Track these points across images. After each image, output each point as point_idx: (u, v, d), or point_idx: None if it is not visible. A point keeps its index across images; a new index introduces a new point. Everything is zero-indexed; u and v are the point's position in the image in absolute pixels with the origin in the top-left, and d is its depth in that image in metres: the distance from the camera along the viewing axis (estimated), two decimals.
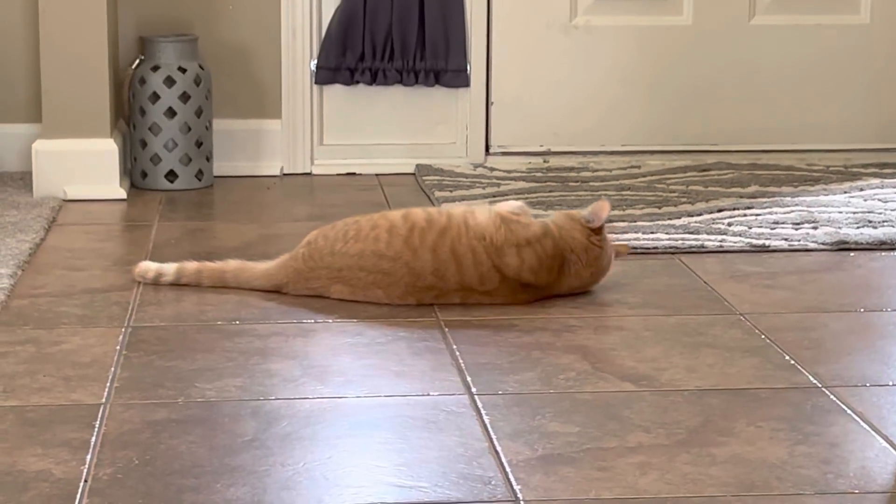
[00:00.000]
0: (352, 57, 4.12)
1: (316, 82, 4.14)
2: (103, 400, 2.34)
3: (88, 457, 2.11)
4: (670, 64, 4.23)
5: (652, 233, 3.37)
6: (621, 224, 3.45)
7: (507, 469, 2.08)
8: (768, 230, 3.41)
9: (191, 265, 3.00)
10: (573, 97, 4.20)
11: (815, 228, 3.41)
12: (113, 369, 2.49)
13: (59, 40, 3.78)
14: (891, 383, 2.43)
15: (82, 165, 3.80)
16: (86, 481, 2.03)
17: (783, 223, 3.46)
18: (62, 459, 2.10)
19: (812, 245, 3.31)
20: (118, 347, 2.60)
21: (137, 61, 3.96)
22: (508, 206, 2.95)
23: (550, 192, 3.79)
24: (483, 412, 2.29)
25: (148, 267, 3.02)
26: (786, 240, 3.33)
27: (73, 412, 2.29)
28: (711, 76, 4.24)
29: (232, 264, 3.00)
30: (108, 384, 2.41)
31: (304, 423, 2.24)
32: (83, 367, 2.50)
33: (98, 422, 2.24)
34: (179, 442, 2.16)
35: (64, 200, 3.77)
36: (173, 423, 2.24)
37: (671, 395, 2.36)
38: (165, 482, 2.02)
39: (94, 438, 2.18)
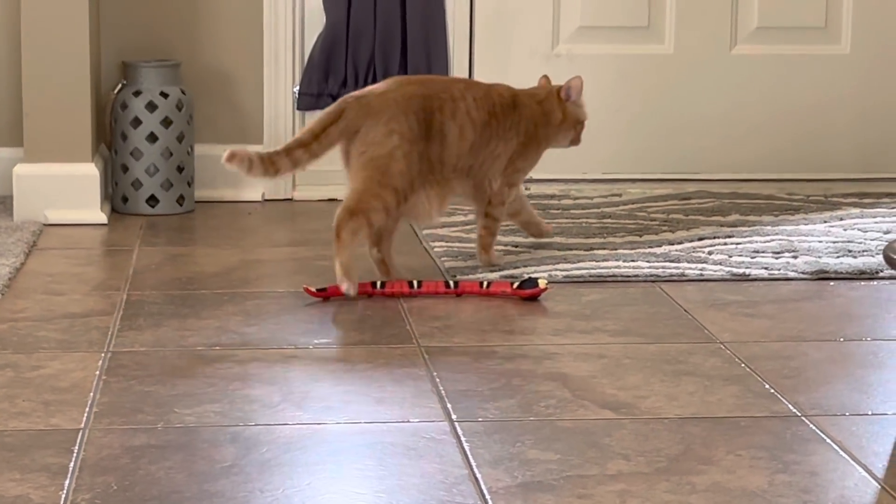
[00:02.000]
0: (334, 83, 4.12)
1: (298, 108, 4.15)
2: (82, 425, 2.33)
3: (67, 482, 2.10)
4: (652, 93, 4.25)
5: (633, 261, 3.38)
6: (602, 252, 3.46)
7: (487, 496, 2.07)
8: (749, 259, 3.42)
9: None
10: None
11: (795, 257, 3.42)
12: (92, 394, 2.48)
13: (41, 64, 3.78)
14: (870, 412, 2.44)
15: (63, 190, 3.79)
16: None
17: (763, 252, 3.47)
18: (41, 485, 2.09)
19: (792, 274, 3.32)
20: (98, 372, 2.59)
21: (119, 86, 3.96)
22: None
23: None
24: (463, 439, 2.29)
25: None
26: (766, 269, 3.34)
27: (51, 437, 2.28)
28: (693, 105, 4.25)
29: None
30: (87, 409, 2.40)
31: (284, 449, 2.24)
32: (62, 391, 2.49)
33: (77, 447, 2.23)
34: (158, 468, 2.15)
35: (45, 225, 3.76)
36: (152, 448, 2.23)
37: (651, 423, 2.36)
38: None
39: (72, 464, 2.17)
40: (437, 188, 3.21)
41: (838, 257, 3.42)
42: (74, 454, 2.20)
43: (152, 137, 3.91)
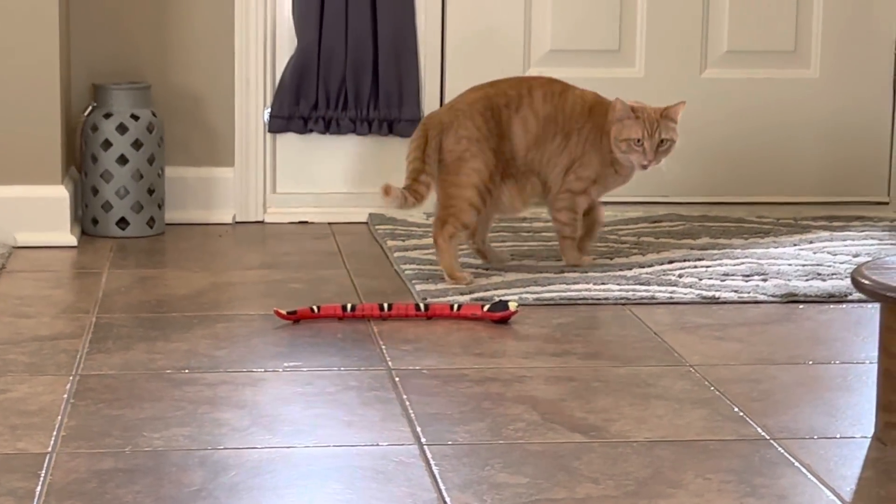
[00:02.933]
0: (305, 106, 4.12)
1: (269, 131, 4.15)
2: (49, 449, 2.32)
3: None
4: None
5: (603, 283, 3.38)
6: (573, 274, 3.46)
7: None
8: (718, 282, 3.42)
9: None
10: None
11: (764, 280, 3.43)
12: (60, 418, 2.47)
13: (11, 86, 3.77)
14: (839, 436, 2.44)
15: (33, 212, 3.78)
16: None
17: (733, 275, 3.48)
18: None
19: (762, 297, 3.33)
20: (66, 396, 2.58)
21: (90, 108, 3.96)
22: None
23: (503, 241, 3.80)
24: (432, 463, 2.28)
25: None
26: (736, 292, 3.35)
27: (18, 461, 2.26)
28: None
29: None
30: (54, 433, 2.39)
31: (253, 472, 2.23)
32: (30, 415, 2.48)
33: (44, 471, 2.22)
34: (126, 492, 2.14)
35: (14, 247, 3.75)
36: (120, 472, 2.22)
37: (620, 447, 2.36)
38: None
39: (39, 488, 2.16)
40: (515, 182, 3.48)
41: (807, 280, 3.43)
42: (41, 478, 2.19)
43: (123, 160, 3.90)
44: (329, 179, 4.20)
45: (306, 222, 4.18)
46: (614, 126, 3.46)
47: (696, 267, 3.56)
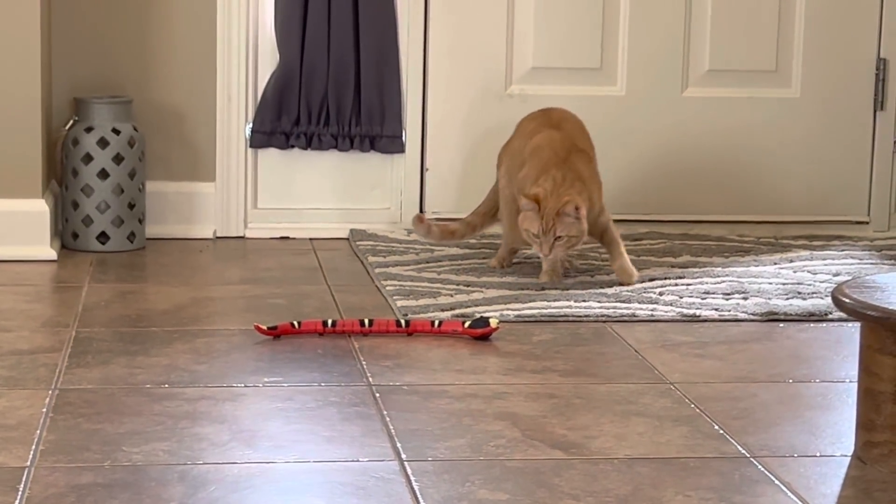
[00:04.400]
0: (287, 121, 4.12)
1: (251, 146, 4.14)
2: (28, 463, 2.31)
3: None
4: (603, 134, 4.26)
5: (584, 301, 3.39)
6: (554, 291, 3.46)
7: None
8: (699, 300, 3.43)
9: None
10: None
11: (745, 299, 3.44)
12: (39, 432, 2.46)
13: None
14: (818, 454, 2.44)
15: (13, 225, 3.77)
16: None
17: (714, 293, 3.49)
18: None
19: (742, 315, 3.33)
20: (45, 410, 2.57)
21: (71, 122, 3.95)
22: None
23: (484, 258, 3.80)
24: (413, 479, 2.28)
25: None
26: (716, 310, 3.35)
27: None
28: (644, 146, 4.28)
29: None
30: (33, 447, 2.38)
31: (233, 488, 2.22)
32: (8, 429, 2.47)
33: (22, 485, 2.21)
34: None
35: None
36: (99, 487, 2.21)
37: (601, 464, 2.36)
38: None
39: (17, 502, 2.15)
40: None
41: (788, 299, 3.44)
42: (20, 492, 2.18)
43: (104, 174, 3.89)
44: (310, 195, 4.20)
45: (287, 238, 4.17)
46: (519, 215, 3.53)
47: (676, 285, 3.56)
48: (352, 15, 4.10)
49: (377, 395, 2.70)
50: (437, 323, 3.14)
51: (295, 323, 3.09)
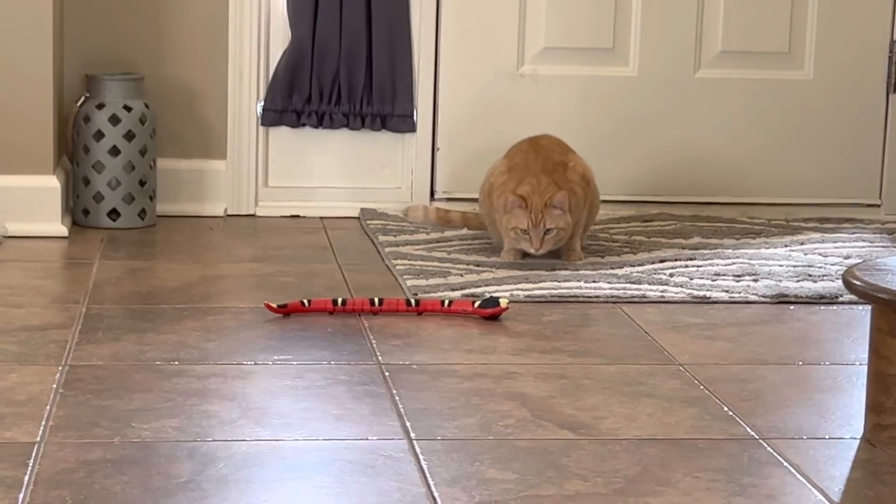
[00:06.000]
0: (298, 99, 4.12)
1: (262, 124, 4.14)
2: (38, 438, 2.32)
3: (21, 496, 2.08)
4: (615, 114, 4.26)
5: (594, 282, 3.38)
6: (564, 272, 3.46)
7: None
8: (709, 282, 3.43)
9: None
10: None
11: (755, 281, 3.44)
12: (49, 408, 2.46)
13: (3, 75, 3.76)
14: (828, 436, 2.44)
15: (24, 202, 3.77)
16: None
17: (724, 275, 3.49)
18: None
19: (752, 297, 3.33)
20: (55, 386, 2.58)
21: (82, 99, 3.95)
22: None
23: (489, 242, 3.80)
24: (421, 457, 2.28)
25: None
26: (726, 291, 3.35)
27: (6, 450, 2.26)
28: (656, 127, 4.27)
29: None
30: (43, 423, 2.39)
31: (241, 465, 2.23)
32: (18, 404, 2.47)
33: (32, 460, 2.22)
34: (114, 482, 2.14)
35: (4, 237, 3.74)
36: (108, 463, 2.22)
37: (610, 444, 2.36)
38: None
39: (27, 477, 2.15)
40: None
41: (798, 281, 3.44)
42: (29, 467, 2.19)
43: (115, 151, 3.90)
44: (321, 174, 4.20)
45: (298, 216, 4.17)
46: (504, 216, 3.51)
47: (687, 266, 3.56)
48: None
49: (386, 373, 2.71)
50: (447, 302, 3.14)
51: (305, 301, 3.10)
